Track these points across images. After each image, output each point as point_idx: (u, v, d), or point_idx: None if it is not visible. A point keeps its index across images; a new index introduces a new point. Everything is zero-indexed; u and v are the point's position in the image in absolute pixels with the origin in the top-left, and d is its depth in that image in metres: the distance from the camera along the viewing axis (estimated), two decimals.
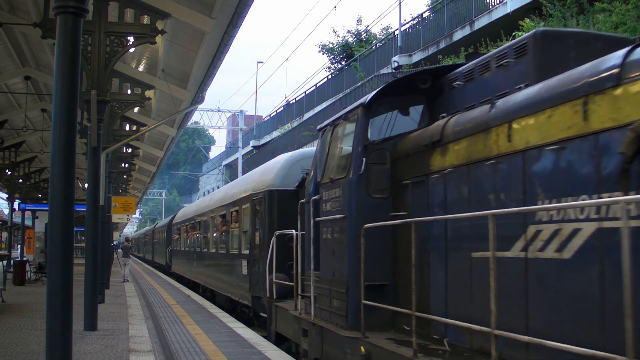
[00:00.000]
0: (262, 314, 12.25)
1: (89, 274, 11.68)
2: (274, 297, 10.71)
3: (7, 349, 9.23)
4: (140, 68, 18.84)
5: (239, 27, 12.63)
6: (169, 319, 13.58)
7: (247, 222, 13.84)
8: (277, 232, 10.61)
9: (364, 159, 7.16)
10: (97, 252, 12.57)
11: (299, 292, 9.30)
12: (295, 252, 9.51)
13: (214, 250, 18.54)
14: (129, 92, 17.65)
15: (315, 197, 8.42)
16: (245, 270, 13.61)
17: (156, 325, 12.39)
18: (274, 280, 10.65)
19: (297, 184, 11.41)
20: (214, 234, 18.74)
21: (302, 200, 9.46)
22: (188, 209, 29.03)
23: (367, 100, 7.29)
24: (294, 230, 9.53)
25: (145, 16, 12.58)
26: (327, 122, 8.68)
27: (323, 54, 41.38)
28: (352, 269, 7.07)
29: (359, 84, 28.94)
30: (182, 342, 10.28)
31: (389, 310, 6.68)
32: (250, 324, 13.18)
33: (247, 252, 13.58)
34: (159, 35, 12.61)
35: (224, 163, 61.75)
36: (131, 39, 12.43)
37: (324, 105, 35.09)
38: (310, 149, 13.73)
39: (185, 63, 16.73)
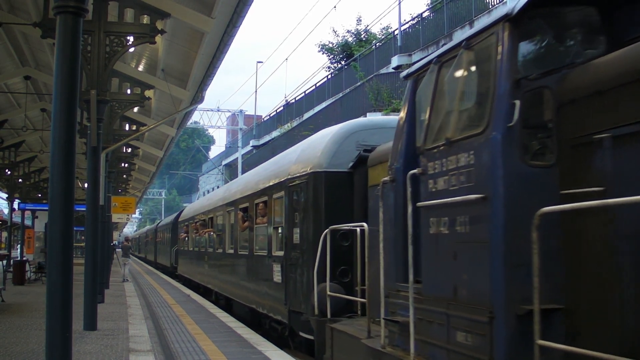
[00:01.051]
0: (302, 334, 9.59)
1: (88, 273, 11.68)
2: (328, 315, 8.07)
3: (7, 349, 9.24)
4: (140, 68, 18.84)
5: (239, 27, 12.63)
6: (168, 318, 13.58)
7: (281, 215, 10.80)
8: (331, 227, 8.09)
9: (517, 102, 4.43)
10: (97, 252, 12.57)
11: (372, 313, 6.82)
12: (361, 253, 7.39)
13: (231, 251, 15.44)
14: (128, 92, 17.65)
15: (415, 171, 5.56)
16: (278, 277, 10.69)
17: (156, 325, 12.39)
18: (329, 293, 8.01)
19: (351, 163, 8.93)
20: (232, 232, 15.60)
21: (371, 183, 7.51)
22: (197, 204, 25.94)
23: (514, 11, 4.61)
24: (364, 224, 7.29)
25: (145, 16, 12.58)
26: (423, 62, 5.96)
27: (323, 53, 41.42)
28: (500, 283, 4.38)
29: (359, 83, 28.95)
30: (182, 342, 10.29)
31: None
32: (283, 344, 10.69)
33: (280, 253, 10.67)
34: (159, 35, 12.61)
35: (223, 163, 61.76)
36: (131, 38, 12.43)
37: (323, 105, 35.12)
38: (369, 118, 11.27)
39: (185, 63, 16.73)
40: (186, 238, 25.12)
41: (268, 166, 13.36)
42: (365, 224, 7.27)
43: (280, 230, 10.99)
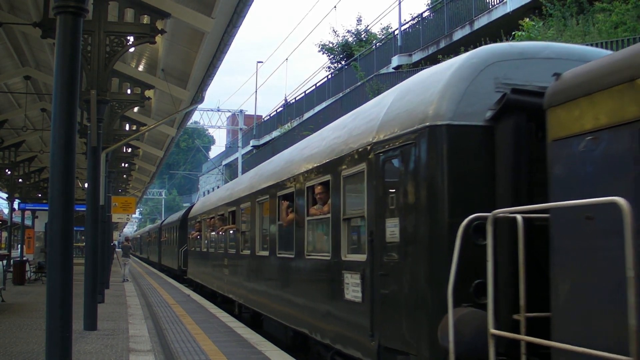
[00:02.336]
0: None
1: (88, 273, 11.69)
2: None
3: (7, 349, 9.24)
4: (140, 68, 18.85)
5: (239, 26, 12.64)
6: (168, 318, 13.58)
7: (359, 201, 7.32)
8: (498, 213, 4.82)
9: None
10: (96, 252, 12.57)
11: None
12: (525, 257, 4.57)
13: (264, 253, 11.93)
14: (128, 91, 17.66)
15: None
16: (354, 293, 7.21)
17: (156, 325, 12.39)
18: (493, 330, 4.65)
19: (489, 113, 5.58)
20: (265, 229, 12.18)
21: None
22: (213, 197, 21.54)
23: None
24: (620, 200, 3.58)
25: (145, 16, 12.58)
26: None
27: (323, 53, 41.44)
28: None
29: (359, 83, 28.96)
30: (182, 342, 10.28)
31: None
32: None
33: (358, 258, 7.24)
34: (159, 35, 12.62)
35: (223, 163, 61.80)
36: (131, 38, 12.43)
37: (323, 105, 35.15)
38: (510, 44, 7.20)
39: (185, 63, 16.73)
40: (198, 237, 21.64)
41: (326, 133, 9.25)
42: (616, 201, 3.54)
43: (359, 223, 7.44)
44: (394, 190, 6.32)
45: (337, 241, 7.86)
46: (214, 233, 18.17)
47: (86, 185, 12.79)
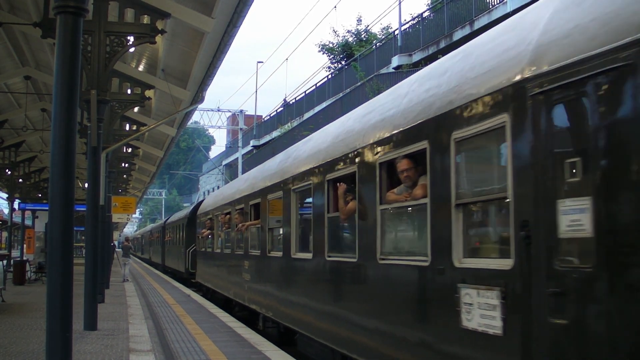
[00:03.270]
0: None
1: (89, 273, 11.68)
2: None
3: (7, 349, 9.24)
4: (140, 68, 18.85)
5: (239, 27, 12.63)
6: (169, 318, 13.57)
7: (493, 174, 5.17)
8: None
9: None
10: (97, 252, 12.57)
11: None
12: None
13: (305, 256, 9.30)
14: (129, 91, 17.66)
15: None
16: (483, 320, 4.71)
17: (156, 325, 12.39)
18: None
19: None
20: (311, 223, 9.14)
21: None
22: (229, 189, 18.51)
23: None
24: None
25: (145, 16, 12.58)
26: None
27: (323, 53, 41.46)
28: None
29: (359, 83, 28.95)
30: (182, 342, 10.28)
31: None
32: None
33: (498, 264, 4.67)
34: (159, 35, 12.62)
35: (224, 163, 61.84)
36: (131, 38, 12.43)
37: (323, 105, 35.14)
38: None
39: (185, 63, 16.73)
40: (210, 235, 19.38)
41: (405, 89, 6.78)
42: None
43: (491, 209, 5.09)
44: (578, 152, 3.90)
45: (443, 238, 5.29)
46: (230, 231, 15.83)
47: (86, 185, 12.79)
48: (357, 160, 7.36)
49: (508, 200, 4.47)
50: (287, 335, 10.86)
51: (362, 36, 39.67)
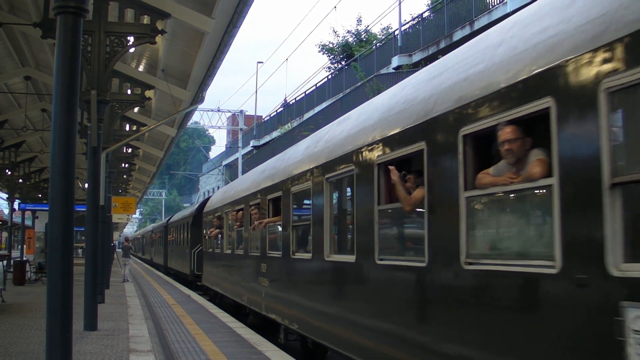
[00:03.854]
0: None
1: (89, 273, 11.68)
2: None
3: (7, 349, 9.23)
4: (140, 68, 18.85)
5: (239, 27, 12.63)
6: (169, 318, 13.57)
7: None
8: None
9: None
10: (97, 252, 12.57)
11: None
12: None
13: (346, 258, 7.73)
14: (129, 92, 17.66)
15: None
16: None
17: (156, 325, 12.39)
18: None
19: None
20: (354, 218, 7.42)
21: None
22: (241, 183, 16.65)
23: None
24: None
25: (145, 16, 12.58)
26: None
27: (323, 54, 41.46)
28: None
29: (359, 84, 28.96)
30: (182, 342, 10.28)
31: None
32: None
33: None
34: (159, 35, 12.61)
35: (224, 163, 61.84)
36: (131, 39, 12.43)
37: (323, 105, 35.15)
38: None
39: (185, 63, 16.72)
40: (220, 235, 17.78)
41: (523, 19, 4.91)
42: None
43: None
44: None
45: (584, 234, 3.72)
46: (243, 229, 14.13)
47: (86, 185, 12.78)
48: (425, 135, 5.69)
49: None
50: (316, 352, 9.59)
51: (362, 36, 39.67)
